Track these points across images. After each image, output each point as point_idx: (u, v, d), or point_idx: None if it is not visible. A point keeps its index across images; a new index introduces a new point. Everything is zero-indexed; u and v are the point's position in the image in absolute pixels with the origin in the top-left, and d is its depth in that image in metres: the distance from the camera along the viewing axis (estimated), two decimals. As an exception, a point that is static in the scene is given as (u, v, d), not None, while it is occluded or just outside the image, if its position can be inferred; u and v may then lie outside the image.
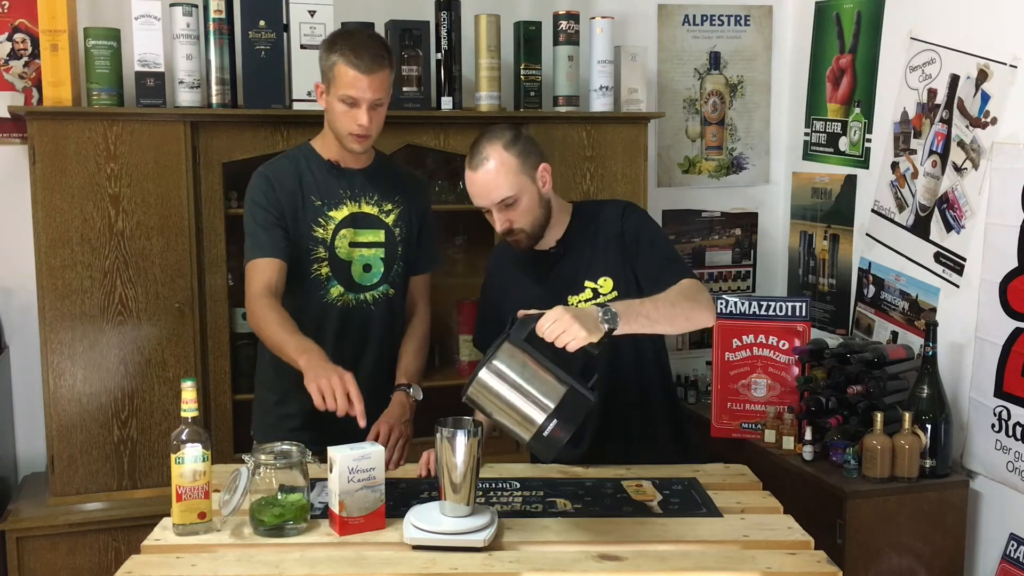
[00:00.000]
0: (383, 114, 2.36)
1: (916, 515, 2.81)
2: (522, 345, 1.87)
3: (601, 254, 2.30)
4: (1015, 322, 2.75)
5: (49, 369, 2.79)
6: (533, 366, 1.85)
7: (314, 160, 2.44)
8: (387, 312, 2.48)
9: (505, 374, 1.85)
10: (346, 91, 2.28)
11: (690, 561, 1.83)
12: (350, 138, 2.34)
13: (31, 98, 3.04)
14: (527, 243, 2.28)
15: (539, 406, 1.82)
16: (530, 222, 2.24)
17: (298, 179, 2.41)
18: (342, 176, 2.43)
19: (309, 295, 2.41)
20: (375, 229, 2.45)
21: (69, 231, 2.77)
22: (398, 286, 2.50)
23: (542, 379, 1.84)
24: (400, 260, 2.49)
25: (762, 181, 3.89)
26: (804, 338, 3.19)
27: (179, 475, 1.91)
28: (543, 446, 1.83)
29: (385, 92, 2.33)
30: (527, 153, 2.22)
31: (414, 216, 2.52)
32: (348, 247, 2.42)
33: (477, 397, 1.87)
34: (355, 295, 2.44)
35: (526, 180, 2.21)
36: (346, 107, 2.30)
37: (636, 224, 2.31)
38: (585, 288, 2.29)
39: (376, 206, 2.46)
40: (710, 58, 3.77)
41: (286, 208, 2.38)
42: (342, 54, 2.28)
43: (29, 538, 2.79)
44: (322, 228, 2.40)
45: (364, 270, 2.45)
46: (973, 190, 2.90)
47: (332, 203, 2.42)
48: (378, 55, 2.30)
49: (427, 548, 1.85)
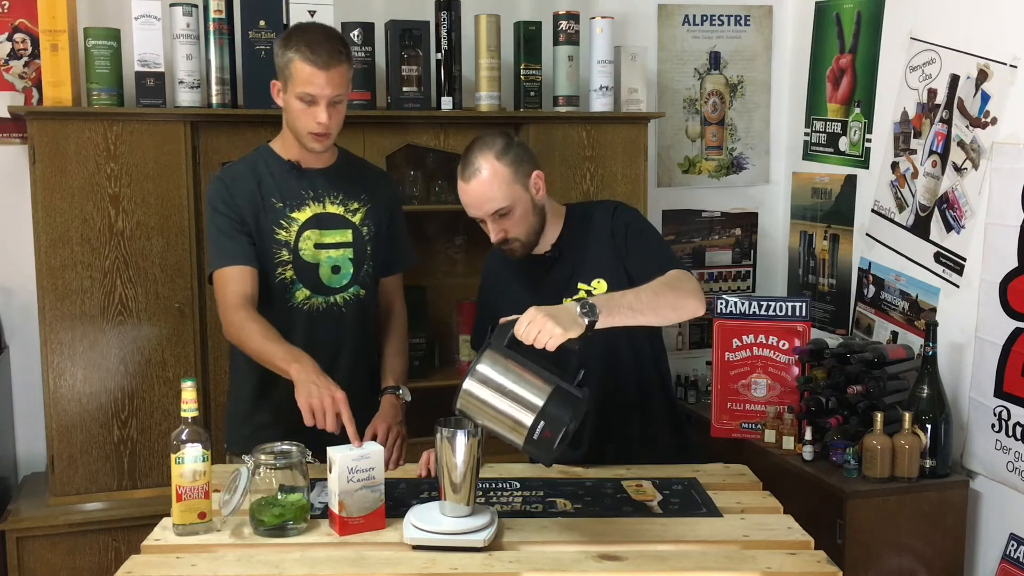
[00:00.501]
0: (343, 111, 2.30)
1: (916, 515, 2.81)
2: (504, 351, 1.85)
3: (593, 255, 2.29)
4: (1015, 322, 2.75)
5: (49, 369, 2.79)
6: (517, 370, 1.83)
7: (274, 161, 2.38)
8: (359, 313, 2.43)
9: (490, 380, 1.82)
10: (304, 88, 2.22)
11: (690, 561, 1.83)
12: (310, 137, 2.28)
13: (31, 98, 3.05)
14: (522, 251, 2.26)
15: (528, 407, 1.79)
16: (524, 231, 2.22)
17: (256, 182, 2.35)
18: (303, 177, 2.37)
19: (274, 299, 2.35)
20: (342, 229, 2.39)
21: (69, 231, 2.77)
22: (369, 286, 2.44)
23: (528, 381, 1.82)
24: (370, 260, 2.43)
25: (762, 181, 3.89)
26: (804, 338, 3.19)
27: (179, 475, 1.91)
28: (536, 448, 1.81)
29: (344, 88, 2.27)
30: (520, 161, 2.19)
31: (382, 213, 2.45)
32: (313, 249, 2.36)
33: (467, 408, 1.84)
34: (324, 298, 2.38)
35: (519, 189, 2.19)
36: (304, 105, 2.24)
37: (624, 222, 2.29)
38: (579, 290, 2.28)
39: (341, 205, 2.40)
40: (710, 58, 3.77)
41: (246, 212, 2.32)
42: (298, 50, 2.21)
43: (29, 538, 2.79)
44: (284, 230, 2.34)
45: (333, 272, 2.38)
46: (973, 190, 2.90)
47: (294, 204, 2.35)
48: (335, 50, 2.23)
49: (427, 548, 1.85)
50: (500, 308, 2.37)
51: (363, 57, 3.04)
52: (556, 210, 2.34)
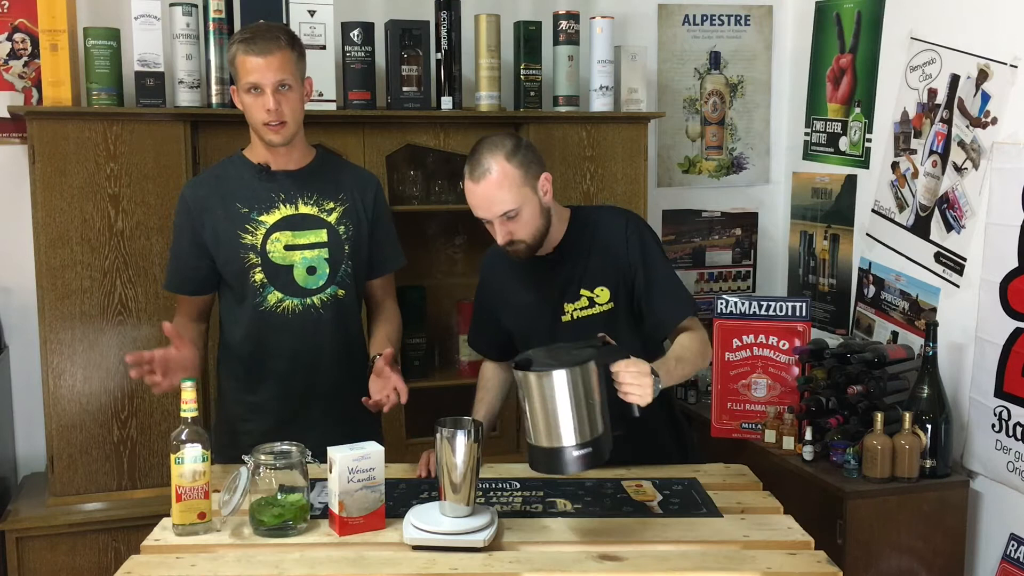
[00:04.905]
0: (295, 100, 2.28)
1: (916, 515, 2.81)
2: (603, 371, 1.90)
3: (598, 264, 2.28)
4: (1015, 322, 2.75)
5: (49, 369, 2.79)
6: (596, 394, 1.88)
7: (244, 167, 2.36)
8: (338, 315, 2.39)
9: (573, 385, 1.85)
10: (247, 79, 2.22)
11: (690, 561, 1.83)
12: (265, 129, 2.26)
13: (31, 98, 3.04)
14: (527, 253, 2.24)
15: (583, 429, 1.84)
16: (531, 233, 2.20)
17: (219, 190, 2.35)
18: (274, 179, 2.35)
19: (247, 303, 2.35)
20: (316, 229, 2.35)
21: (69, 231, 2.77)
22: (348, 287, 2.40)
23: (597, 410, 1.87)
24: (348, 259, 2.38)
25: (762, 181, 3.89)
26: (804, 338, 3.18)
27: (179, 475, 1.91)
28: (556, 461, 1.86)
29: (290, 74, 2.24)
30: (529, 163, 2.17)
31: (363, 214, 2.42)
32: (283, 251, 2.33)
33: (531, 386, 1.85)
34: (300, 300, 2.34)
35: (528, 191, 2.16)
36: (253, 97, 2.24)
37: (640, 240, 2.28)
38: (581, 296, 2.27)
39: (316, 206, 2.36)
40: (710, 58, 3.77)
41: (203, 225, 2.33)
42: (239, 44, 2.24)
43: (29, 538, 2.78)
44: (251, 234, 2.32)
45: (308, 272, 2.35)
46: (973, 190, 2.90)
47: (262, 208, 2.33)
48: (273, 37, 2.23)
49: (427, 548, 1.85)
50: (498, 307, 2.37)
51: (363, 57, 3.04)
52: (560, 212, 2.32)
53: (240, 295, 2.35)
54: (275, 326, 2.35)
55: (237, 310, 2.37)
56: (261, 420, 2.37)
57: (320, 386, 2.39)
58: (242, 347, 2.38)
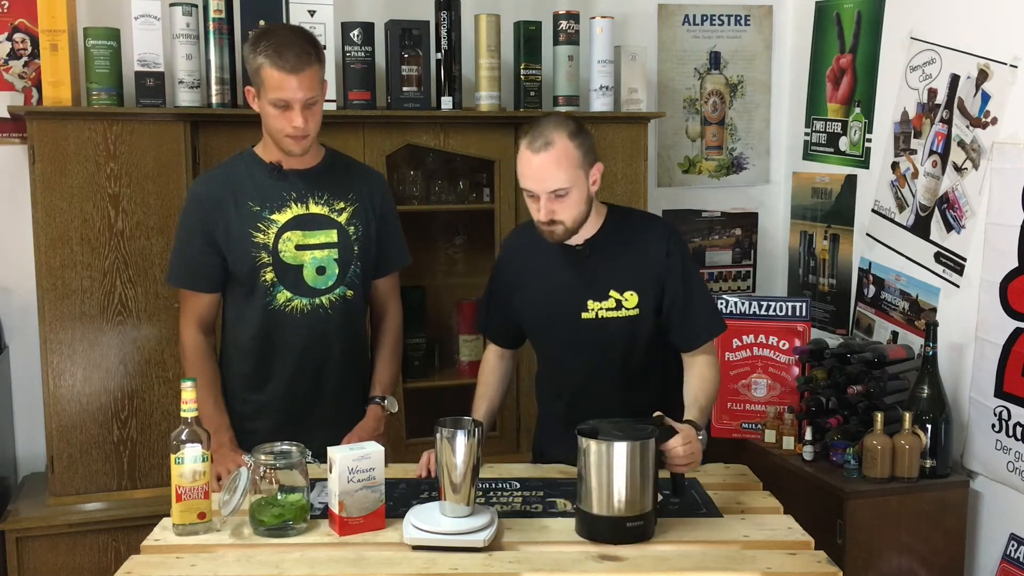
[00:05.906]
0: (319, 112, 2.28)
1: (916, 515, 2.81)
2: (657, 450, 1.96)
3: (630, 266, 2.26)
4: (1015, 322, 2.75)
5: (49, 369, 2.79)
6: (651, 473, 1.92)
7: (256, 165, 2.36)
8: (346, 315, 2.39)
9: (631, 458, 1.89)
10: (276, 94, 2.20)
11: (690, 561, 1.83)
12: (287, 140, 2.26)
13: (31, 98, 3.04)
14: (563, 237, 2.21)
15: (627, 502, 1.89)
16: (573, 217, 2.18)
17: (231, 188, 2.34)
18: (285, 178, 2.34)
19: (256, 302, 2.34)
20: (326, 229, 2.35)
21: (69, 231, 2.77)
22: (357, 287, 2.40)
23: (646, 486, 1.91)
24: (357, 260, 2.39)
25: (762, 181, 3.89)
26: (804, 338, 3.19)
27: (179, 475, 1.91)
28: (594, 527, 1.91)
29: (318, 90, 2.24)
30: (588, 148, 2.17)
31: (371, 213, 2.42)
32: (295, 250, 2.32)
33: (590, 449, 1.90)
34: (309, 300, 2.34)
35: (581, 175, 2.16)
36: (279, 110, 2.22)
37: (680, 262, 2.27)
38: (609, 297, 2.25)
39: (326, 205, 2.36)
40: (710, 58, 3.77)
41: (214, 223, 2.32)
42: (266, 56, 2.19)
43: (29, 538, 2.78)
44: (262, 233, 2.31)
45: (318, 272, 2.34)
46: (973, 190, 2.90)
47: (274, 206, 2.33)
48: (303, 52, 2.20)
49: (427, 548, 1.85)
50: (515, 283, 2.36)
51: (363, 57, 3.04)
52: (598, 207, 2.30)
53: (249, 294, 2.35)
54: (283, 325, 2.35)
55: (245, 309, 2.36)
56: (267, 419, 2.36)
57: (326, 386, 2.39)
58: (250, 346, 2.38)
